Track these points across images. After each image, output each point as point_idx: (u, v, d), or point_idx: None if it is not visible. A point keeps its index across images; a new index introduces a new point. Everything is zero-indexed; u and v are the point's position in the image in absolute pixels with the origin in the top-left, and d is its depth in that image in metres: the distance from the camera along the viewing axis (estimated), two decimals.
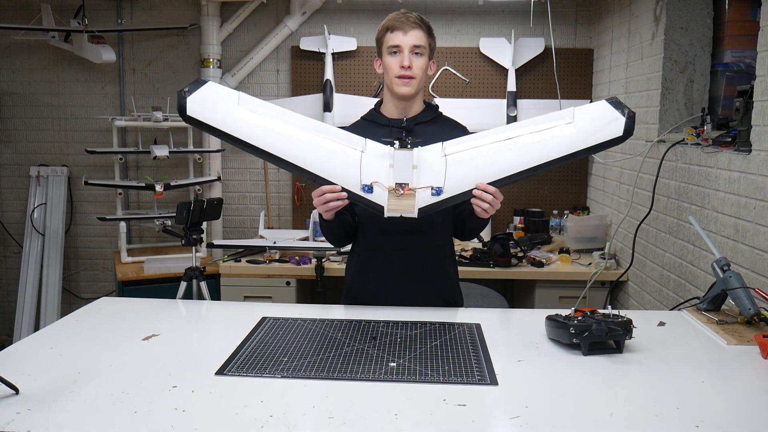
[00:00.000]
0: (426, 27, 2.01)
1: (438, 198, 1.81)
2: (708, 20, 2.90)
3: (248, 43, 4.26)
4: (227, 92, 1.88)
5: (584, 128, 1.76)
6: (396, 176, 1.81)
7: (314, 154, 1.83)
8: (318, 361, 1.51)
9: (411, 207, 1.79)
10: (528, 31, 4.05)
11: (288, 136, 1.83)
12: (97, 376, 1.42)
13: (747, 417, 1.26)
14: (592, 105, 1.83)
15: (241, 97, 1.85)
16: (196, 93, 1.82)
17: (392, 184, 1.81)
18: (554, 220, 4.10)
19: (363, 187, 1.81)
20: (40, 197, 4.33)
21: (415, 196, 1.80)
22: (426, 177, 1.81)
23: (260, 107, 1.87)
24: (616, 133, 1.74)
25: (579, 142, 1.76)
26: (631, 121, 1.73)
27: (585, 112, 1.79)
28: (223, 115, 1.82)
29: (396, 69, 1.98)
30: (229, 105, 1.84)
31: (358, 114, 2.22)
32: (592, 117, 1.78)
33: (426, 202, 1.80)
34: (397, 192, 1.80)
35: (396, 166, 1.82)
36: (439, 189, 1.81)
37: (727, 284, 1.80)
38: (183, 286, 3.26)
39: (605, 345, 1.57)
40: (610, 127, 1.75)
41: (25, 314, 4.24)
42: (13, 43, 4.25)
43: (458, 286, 2.17)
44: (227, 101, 1.85)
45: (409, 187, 1.80)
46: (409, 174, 1.81)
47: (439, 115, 2.11)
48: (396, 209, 1.80)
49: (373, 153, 1.85)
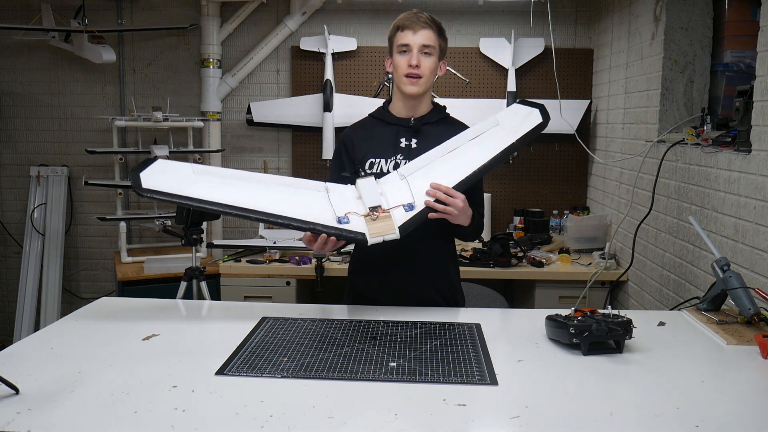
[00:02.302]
0: (437, 27, 2.02)
1: (413, 212, 1.84)
2: (708, 20, 2.90)
3: (248, 43, 4.26)
4: (180, 164, 1.85)
5: (509, 126, 1.98)
6: (366, 202, 1.85)
7: (284, 202, 1.82)
8: (318, 361, 1.51)
9: (391, 227, 1.81)
10: (528, 31, 4.05)
11: (254, 190, 1.82)
12: (97, 376, 1.42)
13: (747, 417, 1.26)
14: (509, 108, 2.08)
15: (194, 166, 1.84)
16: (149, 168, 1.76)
17: (365, 210, 1.83)
18: (554, 220, 4.10)
19: (339, 219, 1.81)
20: (40, 197, 4.33)
21: (391, 216, 1.83)
22: (394, 198, 1.86)
23: (216, 170, 1.89)
24: (536, 121, 1.97)
25: (510, 137, 1.96)
26: (543, 110, 2.00)
27: (506, 114, 2.03)
28: (181, 181, 1.77)
29: (404, 67, 1.99)
30: (185, 173, 1.81)
31: (359, 114, 2.23)
32: (513, 116, 2.01)
33: (402, 219, 1.83)
34: (372, 216, 1.82)
35: (363, 195, 1.87)
36: (411, 204, 1.85)
37: (727, 284, 1.80)
38: (183, 286, 3.26)
39: (605, 345, 1.57)
40: (530, 119, 1.98)
41: (25, 314, 4.24)
42: (13, 43, 4.25)
43: (459, 286, 2.18)
44: (182, 171, 1.81)
45: (383, 208, 1.84)
46: (378, 198, 1.86)
47: (446, 116, 2.12)
48: (378, 234, 1.80)
49: (336, 190, 1.90)
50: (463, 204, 1.84)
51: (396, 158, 2.02)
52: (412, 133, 2.04)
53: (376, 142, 2.05)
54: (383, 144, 2.04)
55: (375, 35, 4.22)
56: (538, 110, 1.98)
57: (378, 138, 2.05)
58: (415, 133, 2.04)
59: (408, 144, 2.03)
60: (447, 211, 1.83)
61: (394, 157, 2.02)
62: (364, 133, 2.09)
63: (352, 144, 2.07)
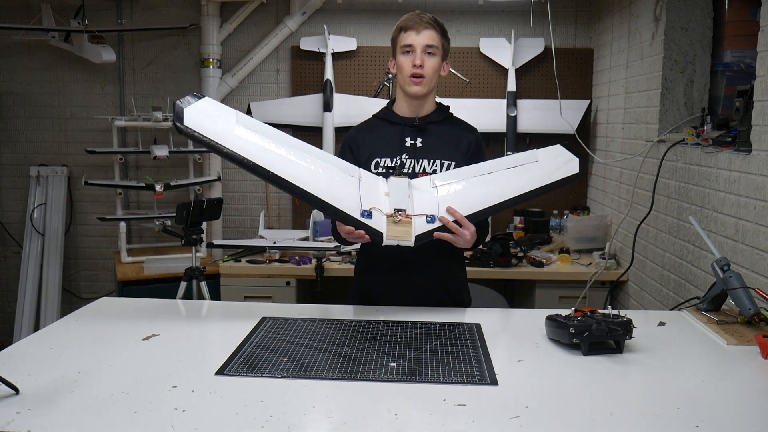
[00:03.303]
0: (440, 28, 2.03)
1: (432, 225, 1.85)
2: (708, 20, 2.90)
3: (248, 43, 4.26)
4: (225, 108, 1.84)
5: (547, 167, 1.98)
6: (393, 203, 1.85)
7: (314, 177, 1.82)
8: (318, 361, 1.51)
9: (408, 235, 1.82)
10: (528, 31, 4.05)
11: (287, 158, 1.82)
12: (97, 376, 1.42)
13: (747, 417, 1.26)
14: (551, 148, 2.03)
15: (239, 115, 1.82)
16: (195, 104, 1.77)
17: (390, 210, 1.83)
18: (554, 220, 4.10)
19: (362, 213, 1.82)
20: (40, 197, 4.33)
21: (413, 224, 1.83)
22: (419, 205, 1.86)
23: (258, 126, 1.84)
24: (573, 171, 1.97)
25: (545, 177, 1.96)
26: (581, 163, 2.00)
27: (546, 153, 2.00)
28: (221, 129, 1.77)
29: (408, 68, 2.00)
30: (228, 121, 1.79)
31: (358, 114, 2.23)
32: (554, 158, 2.00)
33: (422, 229, 1.84)
34: (395, 218, 1.83)
35: (392, 193, 1.86)
36: (433, 217, 1.85)
37: (727, 284, 1.80)
38: (183, 286, 3.26)
39: (605, 345, 1.58)
40: (568, 166, 1.98)
41: (25, 314, 4.24)
42: (13, 43, 4.25)
43: (466, 285, 2.20)
44: (225, 117, 1.80)
45: (407, 213, 1.84)
46: (405, 200, 1.86)
47: (450, 116, 2.13)
48: (394, 237, 1.81)
49: (368, 180, 1.89)
50: (470, 237, 1.87)
51: (401, 157, 2.02)
52: (417, 133, 2.05)
53: (381, 141, 2.06)
54: (388, 143, 2.05)
55: (375, 35, 4.22)
56: (577, 160, 1.98)
57: (383, 138, 2.06)
58: (420, 132, 2.05)
59: (413, 143, 2.03)
60: (453, 240, 1.86)
61: (399, 156, 2.02)
62: (369, 133, 2.10)
63: (357, 144, 2.08)
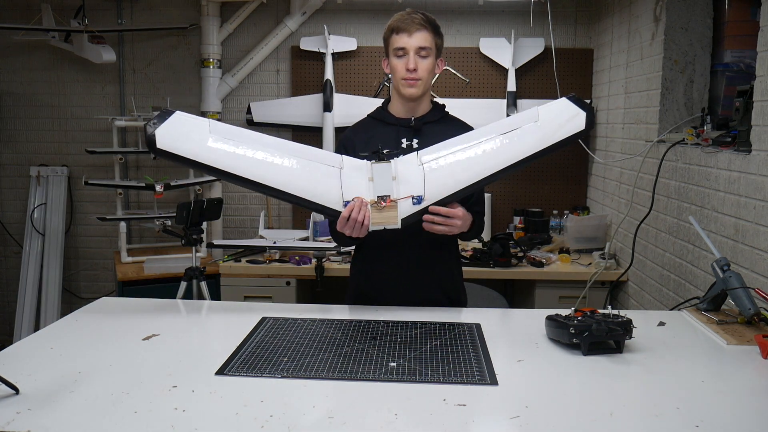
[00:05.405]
0: (432, 26, 2.00)
1: (419, 206, 1.84)
2: (708, 20, 2.90)
3: (248, 43, 4.26)
4: (197, 121, 1.83)
5: (549, 126, 1.83)
6: (376, 189, 1.84)
7: (293, 176, 1.82)
8: (318, 361, 1.51)
9: (394, 218, 1.82)
10: (528, 31, 4.05)
11: (264, 161, 1.82)
12: (97, 376, 1.42)
13: (747, 417, 1.26)
14: (554, 103, 1.88)
15: (212, 125, 1.82)
16: (164, 124, 1.76)
17: (373, 197, 1.83)
18: (554, 220, 4.10)
19: (345, 204, 1.82)
20: (40, 197, 4.33)
21: (397, 207, 1.82)
22: (405, 187, 1.84)
23: (232, 134, 1.84)
24: (578, 128, 1.82)
25: (546, 138, 1.83)
26: (591, 114, 1.82)
27: (549, 110, 1.86)
28: (195, 144, 1.77)
29: (402, 71, 1.99)
30: (201, 134, 1.79)
31: (359, 114, 2.22)
32: (557, 114, 1.84)
33: (408, 211, 1.83)
34: (379, 205, 1.82)
35: (375, 179, 1.84)
36: (420, 197, 1.84)
37: (727, 284, 1.79)
38: (183, 286, 3.26)
39: (605, 345, 1.57)
40: (573, 123, 1.82)
41: (25, 314, 4.24)
42: (13, 43, 4.25)
43: (462, 285, 2.19)
44: (198, 130, 1.80)
45: (391, 198, 1.83)
46: (389, 186, 1.84)
47: (446, 115, 2.12)
48: (379, 222, 1.81)
49: (351, 168, 1.87)
50: (461, 221, 1.86)
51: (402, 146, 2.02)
52: (413, 133, 2.04)
53: (376, 142, 2.04)
54: (384, 145, 2.03)
55: (375, 35, 4.22)
56: (584, 114, 1.82)
57: (378, 138, 2.04)
58: (416, 133, 2.04)
59: (409, 144, 2.02)
60: (445, 232, 1.86)
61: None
62: (365, 134, 2.09)
63: (353, 145, 2.06)
